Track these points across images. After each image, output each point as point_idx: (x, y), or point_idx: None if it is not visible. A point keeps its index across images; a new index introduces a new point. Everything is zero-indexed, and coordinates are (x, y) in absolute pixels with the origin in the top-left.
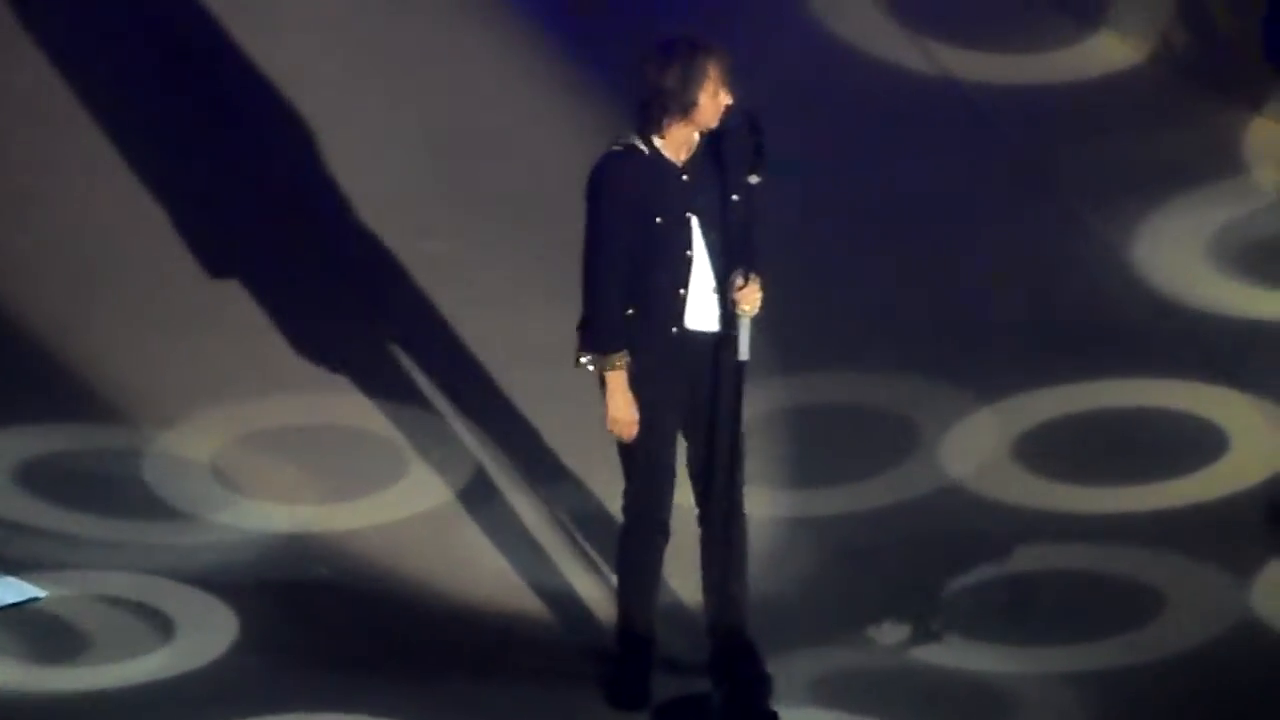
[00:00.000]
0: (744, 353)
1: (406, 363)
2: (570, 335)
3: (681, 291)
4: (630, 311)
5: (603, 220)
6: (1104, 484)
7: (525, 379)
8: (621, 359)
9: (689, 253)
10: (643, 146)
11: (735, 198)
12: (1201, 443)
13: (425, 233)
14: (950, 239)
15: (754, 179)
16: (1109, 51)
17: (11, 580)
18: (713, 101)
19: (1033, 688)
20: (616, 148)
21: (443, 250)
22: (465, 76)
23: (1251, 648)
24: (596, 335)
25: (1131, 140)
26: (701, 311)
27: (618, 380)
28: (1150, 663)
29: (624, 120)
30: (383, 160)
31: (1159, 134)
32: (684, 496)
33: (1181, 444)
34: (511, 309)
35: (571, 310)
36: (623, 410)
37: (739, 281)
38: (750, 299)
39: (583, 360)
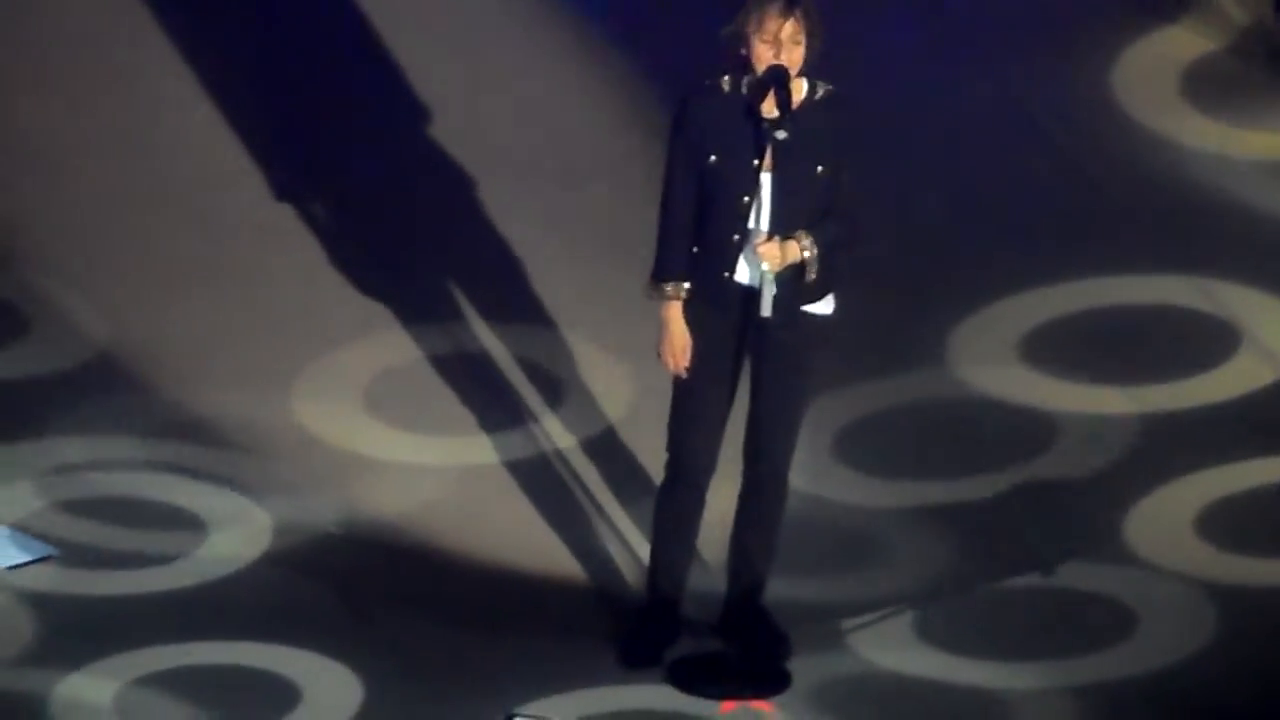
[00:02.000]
0: (765, 309)
1: (446, 320)
2: (618, 297)
3: (735, 238)
4: (695, 250)
5: (670, 153)
6: (1114, 383)
7: (572, 340)
8: (676, 290)
9: (746, 199)
10: (726, 86)
11: (820, 169)
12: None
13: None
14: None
15: (780, 134)
16: None
17: (22, 536)
18: (766, 46)
19: (1021, 701)
20: (706, 83)
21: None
22: (503, 50)
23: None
24: (656, 265)
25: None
26: (750, 265)
27: (670, 310)
28: (1130, 678)
29: (658, 89)
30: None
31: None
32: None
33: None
34: (570, 269)
35: (619, 271)
36: (672, 340)
37: (762, 235)
38: (770, 254)
39: (647, 292)
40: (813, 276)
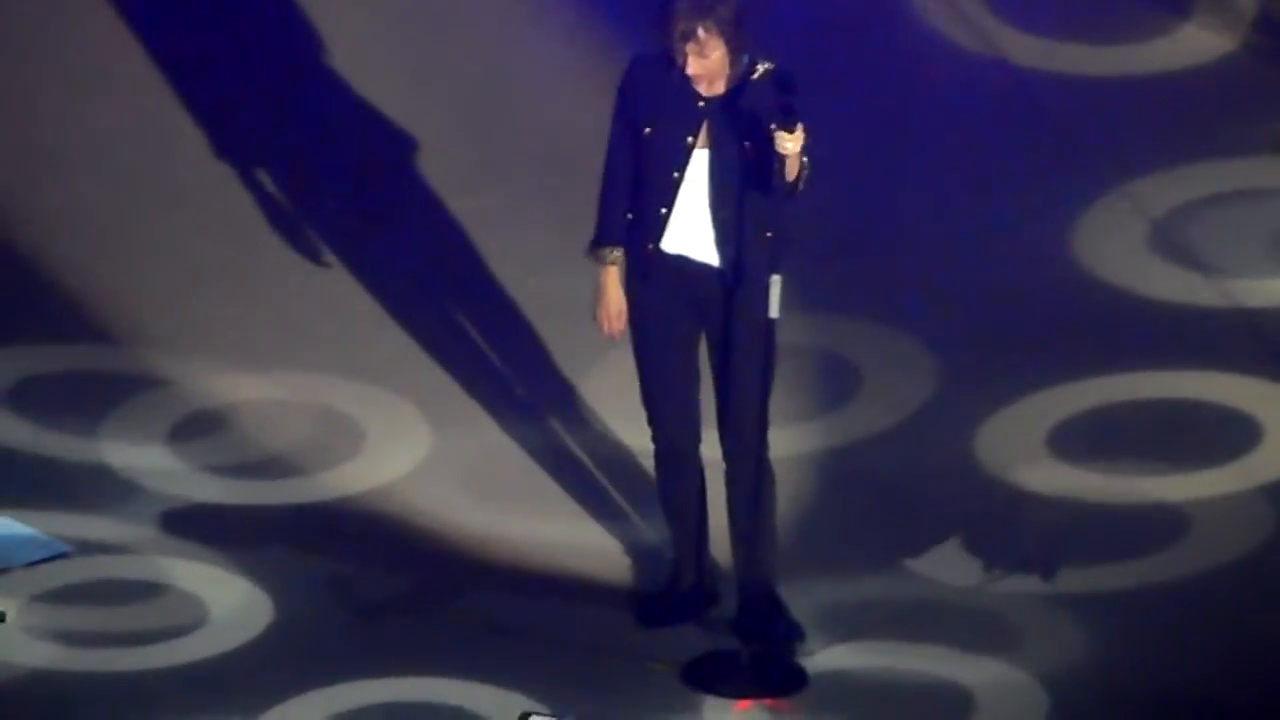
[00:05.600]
0: (774, 310)
1: (435, 313)
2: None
3: (663, 211)
4: (630, 216)
5: (614, 118)
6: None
7: (557, 329)
8: (611, 255)
9: (677, 174)
10: (676, 58)
11: (747, 144)
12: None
13: (461, 189)
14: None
15: (770, 132)
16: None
17: (39, 536)
18: (678, 46)
19: None
20: (656, 51)
21: (477, 206)
22: (498, 31)
23: None
24: (596, 229)
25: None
26: (692, 239)
27: (606, 275)
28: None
29: None
30: (417, 115)
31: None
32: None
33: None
34: (545, 263)
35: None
36: (606, 304)
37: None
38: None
39: (589, 255)
40: (800, 186)
